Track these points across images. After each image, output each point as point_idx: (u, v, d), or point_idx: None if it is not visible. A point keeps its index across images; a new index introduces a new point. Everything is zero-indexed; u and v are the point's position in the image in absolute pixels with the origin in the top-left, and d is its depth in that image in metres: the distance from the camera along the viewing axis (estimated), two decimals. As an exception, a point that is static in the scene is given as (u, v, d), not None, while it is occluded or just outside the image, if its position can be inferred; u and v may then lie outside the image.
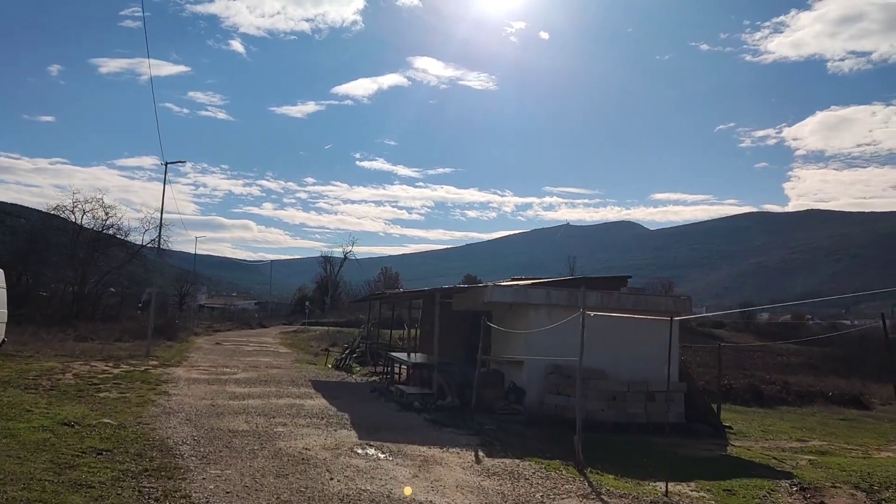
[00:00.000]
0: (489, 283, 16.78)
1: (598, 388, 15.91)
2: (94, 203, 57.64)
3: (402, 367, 22.47)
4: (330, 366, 28.47)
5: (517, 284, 16.58)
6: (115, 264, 60.22)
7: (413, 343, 26.22)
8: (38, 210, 59.50)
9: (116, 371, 21.40)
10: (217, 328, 64.04)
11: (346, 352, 28.11)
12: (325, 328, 64.94)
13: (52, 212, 57.84)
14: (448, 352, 20.14)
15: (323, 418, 13.82)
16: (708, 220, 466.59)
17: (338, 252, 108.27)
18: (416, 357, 20.29)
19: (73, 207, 57.24)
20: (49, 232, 58.77)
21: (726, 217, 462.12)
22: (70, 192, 57.58)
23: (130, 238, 59.52)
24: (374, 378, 23.97)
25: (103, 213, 59.13)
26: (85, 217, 57.80)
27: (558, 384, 16.03)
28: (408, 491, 8.60)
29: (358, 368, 26.60)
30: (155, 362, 26.13)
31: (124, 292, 55.59)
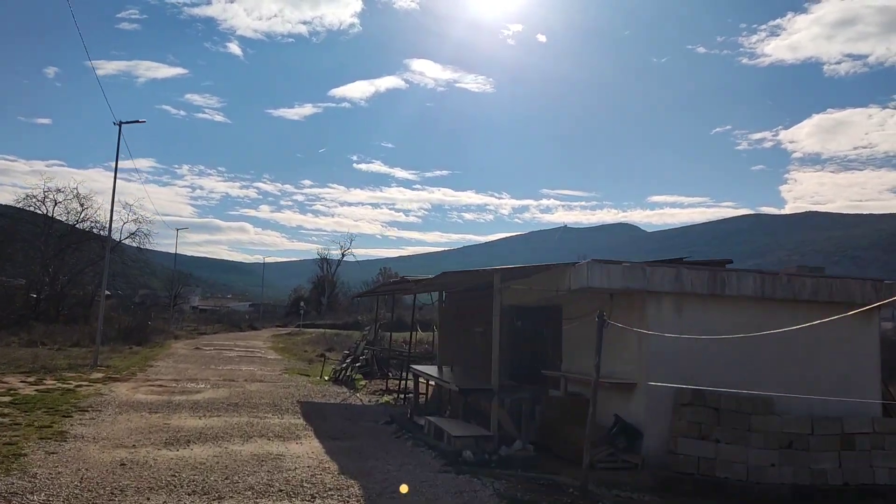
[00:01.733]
0: (577, 262, 10.44)
1: (766, 428, 9.59)
2: (67, 193, 51.22)
3: (421, 383, 16.11)
4: (327, 378, 22.14)
5: (625, 263, 10.26)
6: (91, 260, 53.89)
7: (431, 351, 20.00)
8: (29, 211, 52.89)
9: (28, 391, 15.03)
10: (203, 331, 57.64)
11: (348, 360, 21.73)
12: (322, 331, 58.54)
13: (20, 203, 51.21)
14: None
15: (315, 497, 7.47)
16: (705, 223, 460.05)
17: (335, 252, 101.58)
18: (453, 375, 13.90)
19: (44, 198, 50.84)
20: (17, 225, 52.19)
21: (723, 219, 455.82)
22: (42, 181, 50.06)
23: (105, 232, 53.04)
24: (386, 398, 17.58)
25: (77, 205, 52.68)
26: (57, 208, 51.43)
27: (701, 423, 9.71)
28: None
29: (362, 382, 20.29)
30: (99, 375, 19.77)
31: (94, 292, 49.06)
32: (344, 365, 21.14)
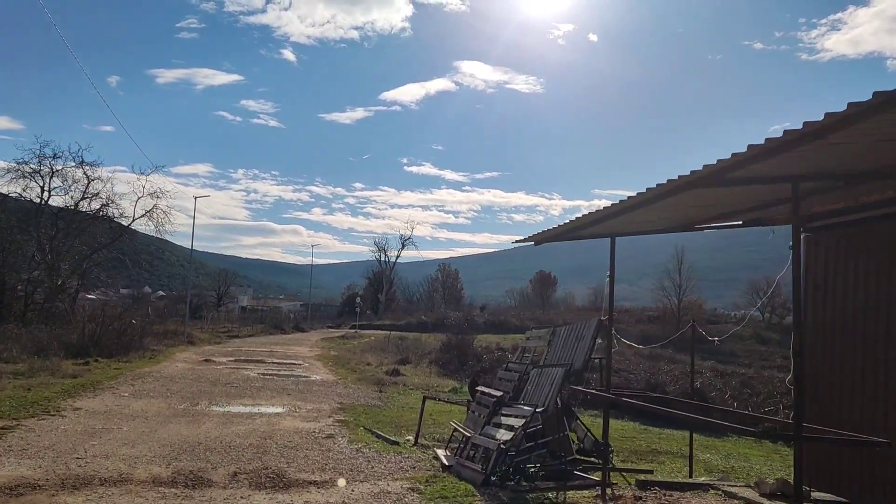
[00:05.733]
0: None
1: None
2: (66, 159, 38.76)
3: None
4: (445, 459, 8.54)
5: None
6: (100, 244, 41.71)
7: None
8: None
9: None
10: (237, 332, 44.96)
11: (509, 422, 7.85)
12: (385, 333, 45.27)
13: (9, 173, 38.34)
14: None
15: None
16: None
17: (391, 252, 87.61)
18: None
19: (40, 167, 38.47)
20: (5, 202, 39.76)
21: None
22: (37, 145, 35.75)
23: (111, 210, 40.53)
24: None
25: (83, 175, 40.10)
26: (55, 180, 39.01)
27: None
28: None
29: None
30: None
31: (78, 285, 36.82)
32: (503, 436, 7.32)
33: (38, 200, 38.86)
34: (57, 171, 38.51)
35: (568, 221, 6.61)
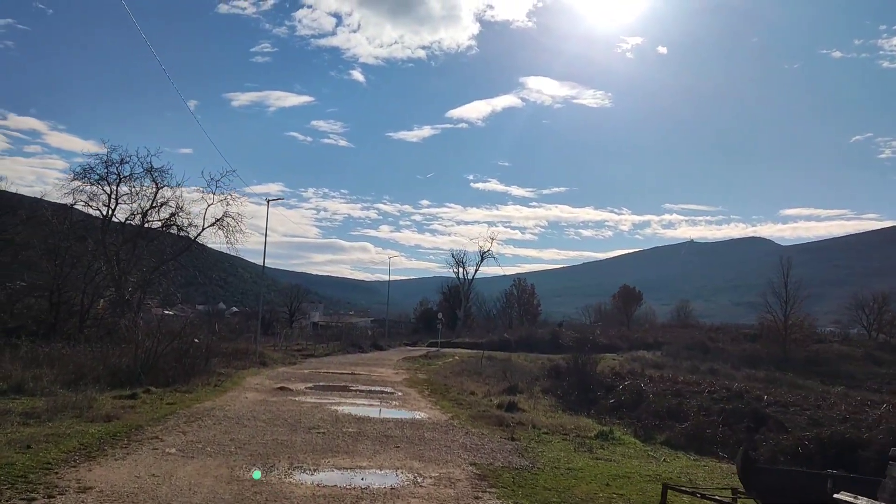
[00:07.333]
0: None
1: None
2: (133, 164, 35.54)
3: None
4: None
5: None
6: (170, 254, 38.70)
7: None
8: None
9: None
10: (313, 351, 40.97)
11: None
12: (471, 352, 40.45)
13: (75, 180, 35.07)
14: None
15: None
16: (847, 236, 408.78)
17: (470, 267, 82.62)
18: None
19: (106, 173, 35.34)
20: (68, 212, 36.81)
21: (867, 232, 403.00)
22: (104, 149, 31.95)
23: (180, 219, 37.28)
24: None
25: (151, 184, 36.86)
26: (122, 187, 35.80)
27: None
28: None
29: None
30: None
31: (140, 299, 33.54)
32: None
33: (104, 210, 35.94)
34: (124, 177, 35.41)
35: None
